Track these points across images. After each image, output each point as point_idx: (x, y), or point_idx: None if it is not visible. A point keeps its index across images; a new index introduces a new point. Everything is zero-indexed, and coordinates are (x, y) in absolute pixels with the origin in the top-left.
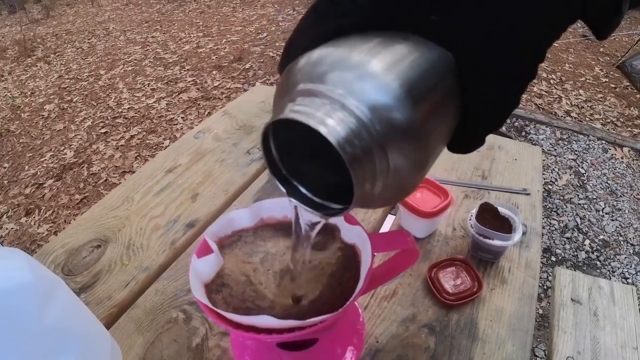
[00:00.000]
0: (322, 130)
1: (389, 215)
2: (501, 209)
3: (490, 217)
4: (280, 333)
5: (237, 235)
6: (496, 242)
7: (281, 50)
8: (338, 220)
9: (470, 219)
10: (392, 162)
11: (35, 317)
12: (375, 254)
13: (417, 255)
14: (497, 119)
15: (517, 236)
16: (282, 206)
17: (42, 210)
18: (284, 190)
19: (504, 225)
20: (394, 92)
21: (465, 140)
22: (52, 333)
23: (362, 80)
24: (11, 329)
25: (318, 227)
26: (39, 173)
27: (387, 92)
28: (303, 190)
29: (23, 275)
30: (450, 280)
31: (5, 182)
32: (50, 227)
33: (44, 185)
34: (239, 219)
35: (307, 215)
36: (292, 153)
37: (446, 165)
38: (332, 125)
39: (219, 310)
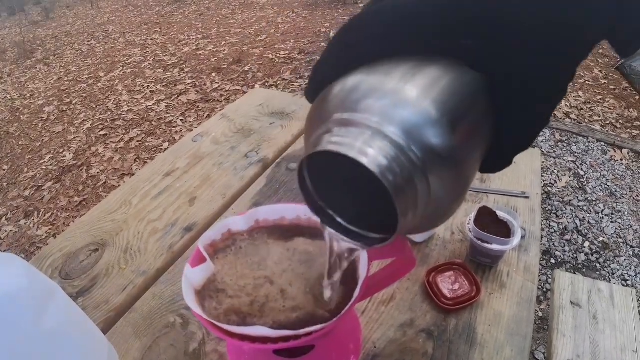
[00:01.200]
0: (364, 160)
1: None
2: (500, 213)
3: (489, 221)
4: (276, 342)
5: (231, 239)
6: (495, 247)
7: (280, 53)
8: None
9: (468, 223)
10: (433, 189)
11: (31, 323)
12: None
13: (414, 263)
14: (530, 139)
15: (515, 240)
16: (279, 212)
17: (41, 213)
18: (320, 221)
19: (503, 230)
20: (432, 117)
21: (496, 161)
22: (49, 339)
23: (399, 107)
24: (7, 335)
25: (355, 255)
26: (38, 175)
27: (425, 118)
28: (340, 220)
29: (19, 282)
30: (449, 285)
31: (5, 184)
32: (50, 229)
33: (43, 188)
34: (234, 226)
35: (344, 244)
36: (327, 182)
37: None
38: (372, 155)
39: (215, 322)
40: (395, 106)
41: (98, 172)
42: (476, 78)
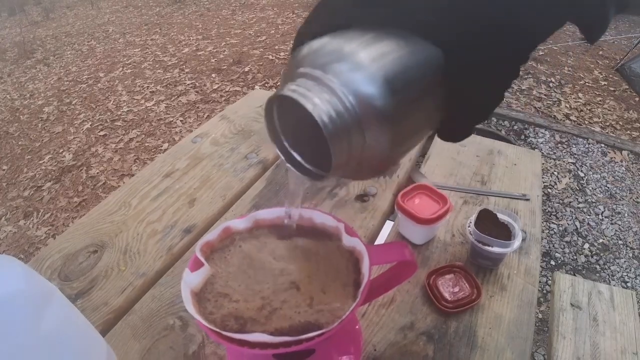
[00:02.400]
0: (309, 107)
1: (388, 221)
2: (500, 215)
3: (490, 224)
4: (276, 347)
5: (229, 239)
6: (495, 249)
7: (280, 54)
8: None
9: (469, 226)
10: (368, 140)
11: (29, 326)
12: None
13: (415, 268)
14: (481, 112)
15: (516, 243)
16: (279, 212)
17: (40, 213)
18: (281, 155)
19: (503, 232)
20: (375, 81)
21: (451, 130)
22: (47, 342)
23: (351, 69)
24: (5, 338)
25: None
26: (37, 176)
27: (369, 81)
28: (297, 157)
29: (17, 284)
30: (449, 288)
31: (4, 184)
32: (49, 230)
33: (42, 188)
34: (233, 226)
35: (297, 178)
36: (291, 124)
37: (445, 170)
38: (318, 105)
39: (214, 328)
40: (348, 68)
41: (97, 173)
42: (432, 51)
